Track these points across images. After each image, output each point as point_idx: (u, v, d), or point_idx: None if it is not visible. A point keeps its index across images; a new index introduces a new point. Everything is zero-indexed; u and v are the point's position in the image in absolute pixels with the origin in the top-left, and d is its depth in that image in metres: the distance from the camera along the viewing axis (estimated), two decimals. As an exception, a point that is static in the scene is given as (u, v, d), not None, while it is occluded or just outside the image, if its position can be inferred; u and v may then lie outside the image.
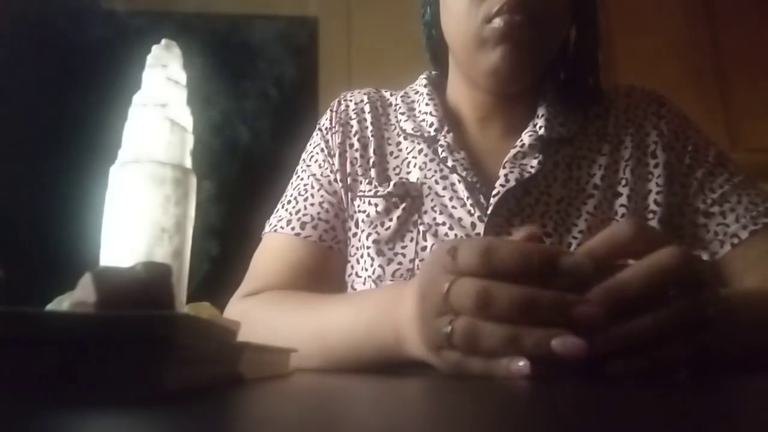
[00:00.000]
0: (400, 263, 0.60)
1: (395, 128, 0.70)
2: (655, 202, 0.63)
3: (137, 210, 0.34)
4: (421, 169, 0.65)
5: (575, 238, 0.59)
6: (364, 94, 0.75)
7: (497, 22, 0.56)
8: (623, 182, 0.63)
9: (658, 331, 0.33)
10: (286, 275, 0.63)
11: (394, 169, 0.67)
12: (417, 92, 0.72)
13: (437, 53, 0.73)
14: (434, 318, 0.36)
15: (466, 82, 0.67)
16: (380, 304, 0.45)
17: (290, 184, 0.72)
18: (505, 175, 0.61)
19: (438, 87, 0.73)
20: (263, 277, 0.65)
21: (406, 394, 0.28)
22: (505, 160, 0.63)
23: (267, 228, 0.69)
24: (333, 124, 0.71)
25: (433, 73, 0.76)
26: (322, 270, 0.65)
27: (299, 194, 0.69)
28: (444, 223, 0.61)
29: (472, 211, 0.61)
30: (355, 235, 0.65)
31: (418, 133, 0.67)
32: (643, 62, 1.83)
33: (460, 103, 0.70)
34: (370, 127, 0.70)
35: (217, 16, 1.96)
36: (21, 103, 1.60)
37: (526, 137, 0.64)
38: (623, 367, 0.33)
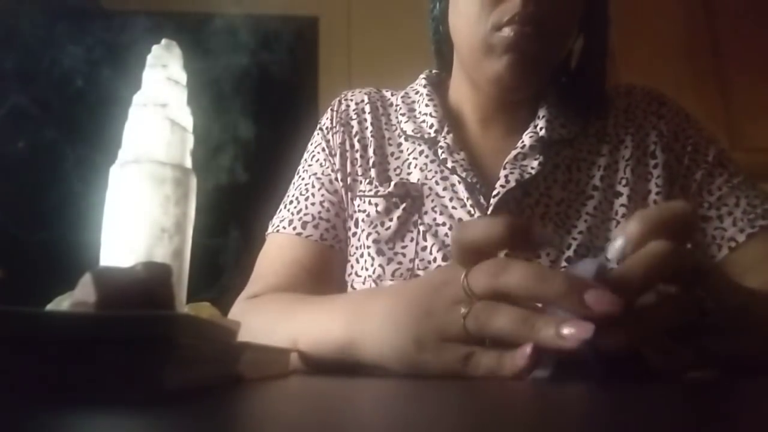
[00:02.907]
0: (400, 263, 0.60)
1: (396, 129, 0.70)
2: (655, 203, 0.63)
3: (137, 210, 0.34)
4: (421, 170, 0.65)
5: (575, 239, 0.59)
6: (365, 94, 0.74)
7: (506, 31, 0.56)
8: (623, 182, 0.63)
9: (666, 324, 0.34)
10: (287, 276, 0.63)
11: (394, 169, 0.67)
12: (417, 92, 0.72)
13: (442, 49, 0.73)
14: (449, 306, 0.37)
15: (469, 82, 0.67)
16: (345, 313, 0.46)
17: (292, 184, 0.72)
18: (506, 176, 0.61)
19: (438, 87, 0.73)
20: (265, 279, 0.65)
21: (405, 394, 0.28)
22: (505, 161, 0.63)
23: (270, 228, 0.69)
24: (334, 124, 0.72)
25: (433, 72, 0.76)
26: (323, 269, 0.65)
27: (300, 194, 0.69)
28: (444, 224, 0.61)
29: (472, 212, 0.61)
30: (354, 234, 0.65)
31: (418, 135, 0.67)
32: (643, 62, 1.83)
33: (462, 102, 0.70)
34: (370, 128, 0.70)
35: (217, 16, 1.96)
36: (20, 103, 1.60)
37: (526, 138, 0.64)
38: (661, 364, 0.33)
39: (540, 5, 0.56)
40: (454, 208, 0.62)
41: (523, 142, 0.64)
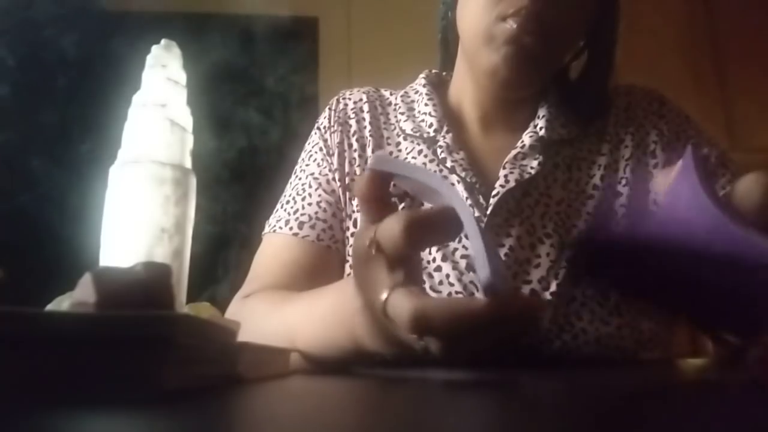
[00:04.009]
0: None
1: (395, 128, 0.70)
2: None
3: (137, 210, 0.34)
4: (420, 170, 0.65)
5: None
6: (363, 93, 0.74)
7: (510, 22, 0.56)
8: (623, 182, 0.63)
9: None
10: (283, 276, 0.63)
11: None
12: (416, 92, 0.72)
13: (447, 38, 0.73)
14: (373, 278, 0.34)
15: (470, 77, 0.67)
16: (335, 302, 0.44)
17: (289, 184, 0.72)
18: (505, 176, 0.61)
19: (438, 87, 0.73)
20: (262, 279, 0.65)
21: (406, 394, 0.28)
22: (505, 161, 0.62)
23: (266, 228, 0.69)
24: (331, 123, 0.71)
25: (433, 72, 0.75)
26: (320, 269, 0.65)
27: (297, 194, 0.68)
28: (444, 223, 0.61)
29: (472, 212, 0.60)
30: (353, 234, 0.65)
31: (417, 134, 0.66)
32: (643, 62, 1.83)
33: (462, 99, 0.70)
34: (369, 127, 0.70)
35: (217, 16, 1.96)
36: (21, 103, 1.60)
37: (526, 138, 0.64)
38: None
39: (548, 4, 0.55)
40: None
41: (522, 141, 0.64)
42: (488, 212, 0.60)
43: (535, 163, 0.62)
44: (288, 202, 0.69)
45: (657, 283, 0.31)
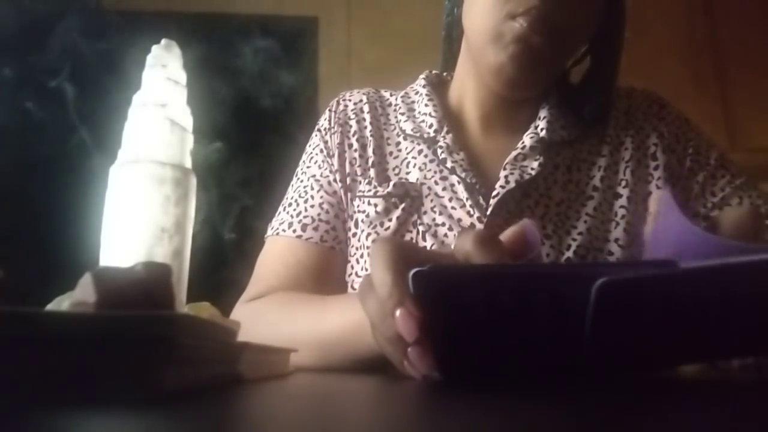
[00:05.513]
0: None
1: (395, 128, 0.70)
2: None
3: (137, 210, 0.34)
4: (420, 169, 0.65)
5: (574, 239, 0.59)
6: (363, 94, 0.74)
7: (520, 21, 0.56)
8: (623, 183, 0.63)
9: None
10: (288, 278, 0.64)
11: (393, 169, 0.67)
12: (417, 92, 0.72)
13: (451, 35, 0.73)
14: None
15: (473, 75, 0.67)
16: (352, 309, 0.46)
17: (291, 186, 0.72)
18: (505, 177, 0.61)
19: (438, 87, 0.73)
20: (267, 281, 0.65)
21: (406, 394, 0.28)
22: (505, 162, 0.63)
23: (269, 231, 0.69)
24: (332, 125, 0.71)
25: (433, 72, 0.76)
26: (324, 271, 0.65)
27: (299, 196, 0.69)
28: (443, 224, 0.61)
29: (472, 212, 0.60)
30: (354, 235, 0.65)
31: (418, 134, 0.66)
32: (643, 62, 1.83)
33: (463, 98, 0.69)
34: (369, 127, 0.70)
35: (217, 16, 1.96)
36: (20, 102, 1.60)
37: (527, 139, 0.64)
38: None
39: (558, 5, 0.55)
40: (453, 208, 0.61)
41: (523, 142, 0.64)
42: (488, 213, 0.60)
43: (535, 164, 0.62)
44: (290, 204, 0.69)
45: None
